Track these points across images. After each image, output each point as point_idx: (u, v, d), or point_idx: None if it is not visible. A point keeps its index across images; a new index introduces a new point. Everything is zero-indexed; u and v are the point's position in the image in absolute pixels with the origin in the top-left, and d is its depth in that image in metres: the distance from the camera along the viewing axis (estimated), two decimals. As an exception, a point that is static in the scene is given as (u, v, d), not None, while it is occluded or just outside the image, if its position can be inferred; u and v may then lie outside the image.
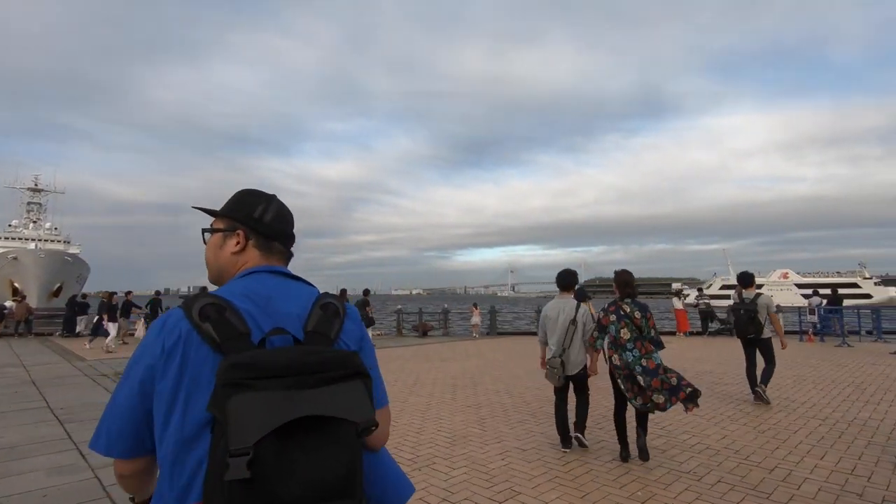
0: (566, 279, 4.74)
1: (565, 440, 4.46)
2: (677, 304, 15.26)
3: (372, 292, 15.09)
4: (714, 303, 15.90)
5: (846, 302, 14.70)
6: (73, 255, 44.01)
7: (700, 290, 16.24)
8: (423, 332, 17.05)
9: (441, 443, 4.76)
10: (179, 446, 0.89)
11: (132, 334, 14.80)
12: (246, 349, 0.90)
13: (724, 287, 53.17)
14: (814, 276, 72.92)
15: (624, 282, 4.37)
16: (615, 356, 4.20)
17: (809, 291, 15.63)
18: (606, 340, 4.30)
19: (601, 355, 4.44)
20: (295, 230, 1.22)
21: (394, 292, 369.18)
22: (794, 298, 15.06)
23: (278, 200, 1.20)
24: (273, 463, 0.78)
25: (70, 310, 17.00)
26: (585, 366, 4.43)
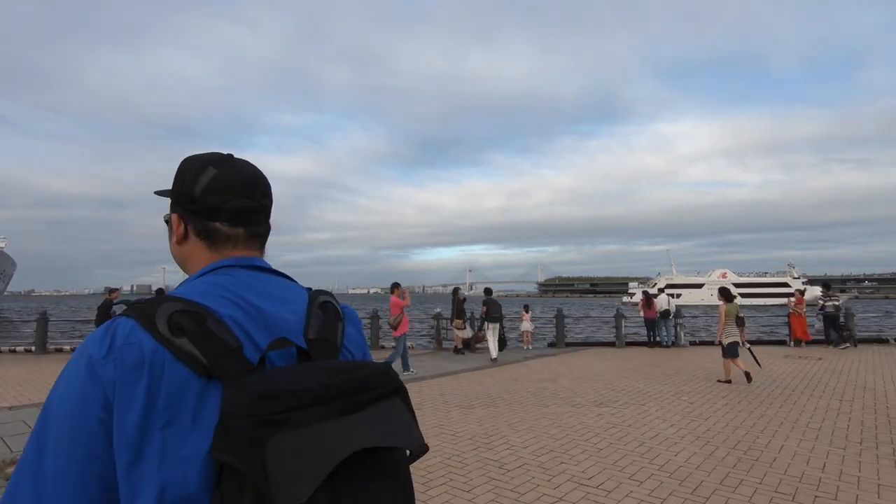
0: None
1: None
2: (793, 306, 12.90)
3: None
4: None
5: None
6: (-4, 250, 39.27)
7: (827, 287, 13.28)
8: (470, 344, 11.48)
9: None
10: None
11: None
12: (244, 370, 0.63)
13: (668, 286, 57.00)
14: (749, 276, 79.31)
15: None
16: None
17: (747, 291, 14.47)
18: None
19: None
20: (266, 197, 0.84)
21: (351, 291, 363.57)
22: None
23: (224, 160, 0.82)
24: None
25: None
26: None
